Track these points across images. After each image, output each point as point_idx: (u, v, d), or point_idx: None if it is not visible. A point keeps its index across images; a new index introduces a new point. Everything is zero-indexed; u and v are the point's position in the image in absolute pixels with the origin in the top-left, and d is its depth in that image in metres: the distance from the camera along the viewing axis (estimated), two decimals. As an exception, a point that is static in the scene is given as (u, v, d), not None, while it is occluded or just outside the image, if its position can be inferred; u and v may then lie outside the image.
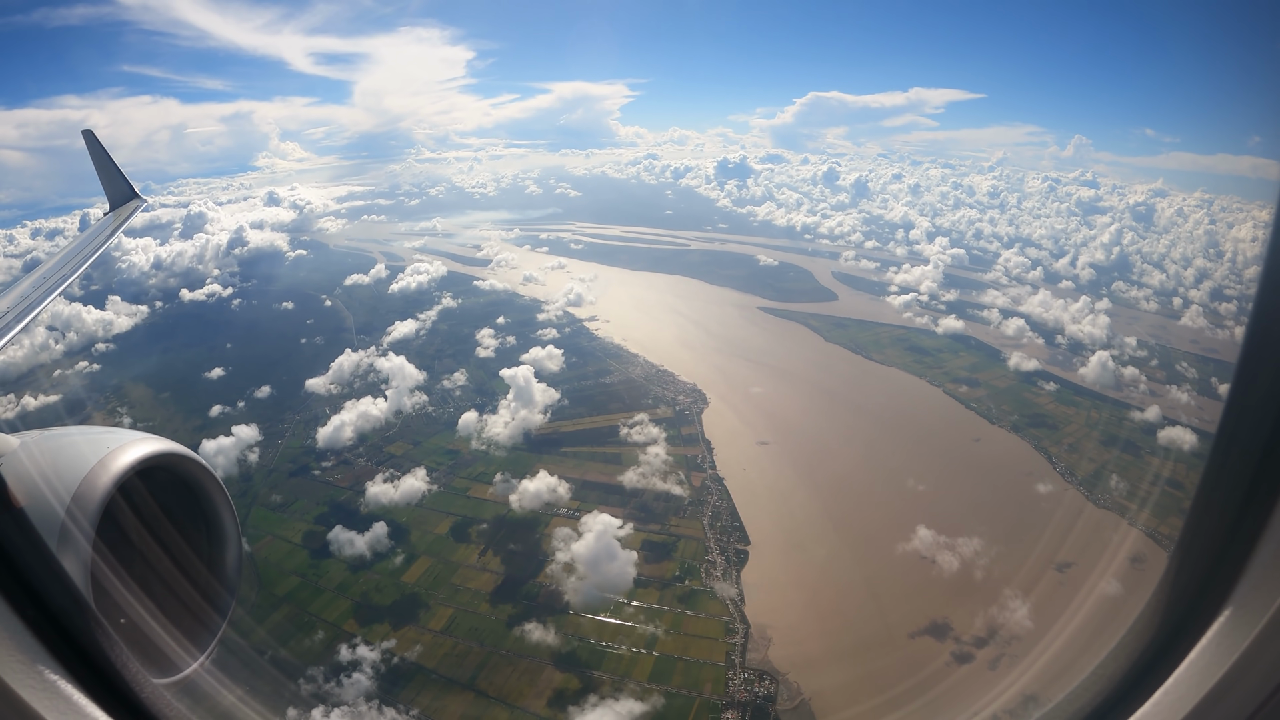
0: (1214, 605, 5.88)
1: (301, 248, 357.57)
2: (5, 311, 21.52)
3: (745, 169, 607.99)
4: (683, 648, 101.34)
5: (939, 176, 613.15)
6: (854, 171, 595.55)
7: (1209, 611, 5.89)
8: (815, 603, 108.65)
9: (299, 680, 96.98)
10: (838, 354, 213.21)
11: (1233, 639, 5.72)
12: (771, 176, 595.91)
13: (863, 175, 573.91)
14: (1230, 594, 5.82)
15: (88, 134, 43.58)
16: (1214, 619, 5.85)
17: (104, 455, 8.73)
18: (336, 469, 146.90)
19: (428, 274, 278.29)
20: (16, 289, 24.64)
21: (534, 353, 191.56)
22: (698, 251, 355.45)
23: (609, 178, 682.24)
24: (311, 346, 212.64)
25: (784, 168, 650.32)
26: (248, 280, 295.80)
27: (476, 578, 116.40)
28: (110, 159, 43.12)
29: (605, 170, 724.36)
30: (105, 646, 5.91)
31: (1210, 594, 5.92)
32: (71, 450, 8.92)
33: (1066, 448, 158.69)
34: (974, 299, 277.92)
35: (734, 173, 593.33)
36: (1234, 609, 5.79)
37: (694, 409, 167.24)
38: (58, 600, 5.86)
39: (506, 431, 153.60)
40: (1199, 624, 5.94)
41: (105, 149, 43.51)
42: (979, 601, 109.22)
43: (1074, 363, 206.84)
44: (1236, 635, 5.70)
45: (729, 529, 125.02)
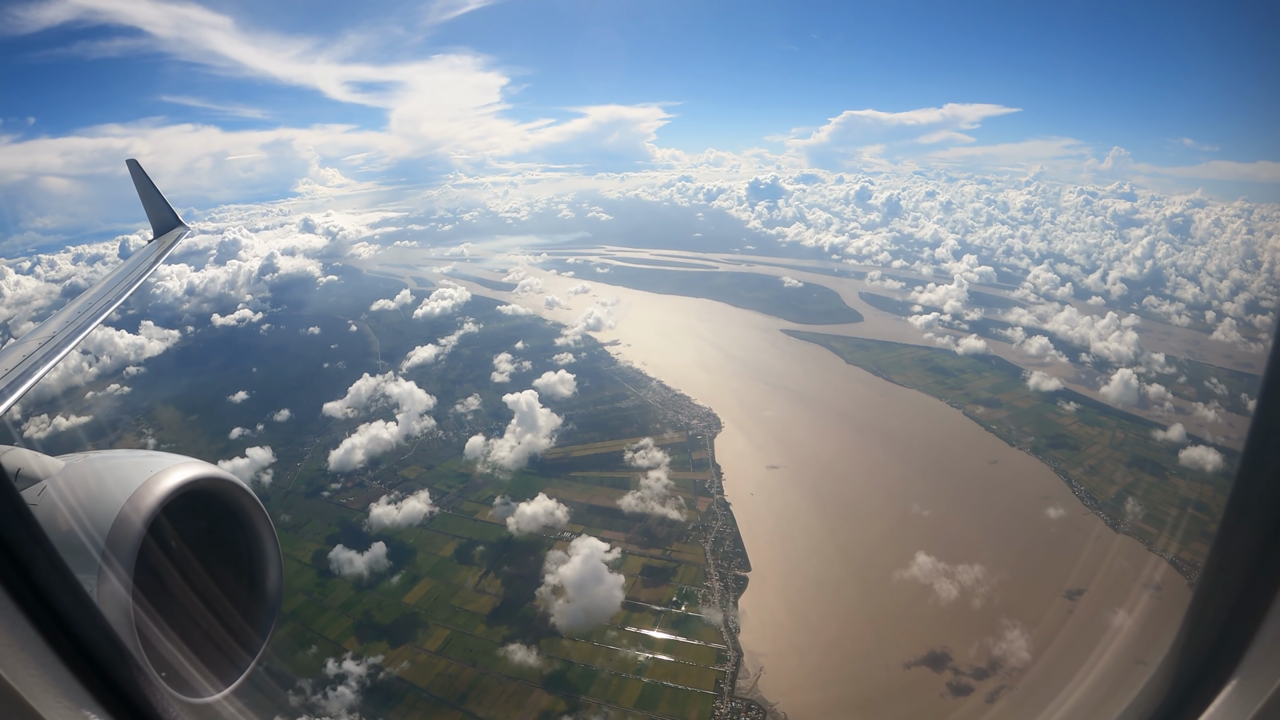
0: (1221, 675, 5.85)
1: (333, 273, 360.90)
2: (53, 335, 21.87)
3: (777, 190, 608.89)
4: (672, 674, 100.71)
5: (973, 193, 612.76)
6: (887, 190, 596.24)
7: (1216, 681, 5.87)
8: (811, 630, 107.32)
9: (288, 693, 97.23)
10: (858, 376, 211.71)
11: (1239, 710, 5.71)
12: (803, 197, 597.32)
13: (895, 194, 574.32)
14: (1237, 665, 5.78)
15: (132, 163, 43.93)
16: (1221, 689, 5.84)
17: (147, 479, 8.85)
18: (351, 491, 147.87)
19: (452, 299, 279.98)
20: (63, 314, 25.01)
21: (546, 377, 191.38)
22: (725, 274, 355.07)
23: (642, 200, 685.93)
24: (334, 371, 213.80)
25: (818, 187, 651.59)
26: (278, 306, 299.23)
27: (475, 600, 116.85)
28: (154, 187, 43.53)
29: (639, 193, 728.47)
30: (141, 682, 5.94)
31: (1218, 664, 5.90)
32: (115, 473, 9.13)
33: (1087, 470, 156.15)
34: (999, 317, 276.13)
35: (766, 194, 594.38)
36: (1240, 679, 5.76)
37: (707, 433, 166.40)
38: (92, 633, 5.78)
39: (512, 456, 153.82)
40: (1205, 694, 5.91)
41: (149, 177, 43.87)
42: (981, 631, 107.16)
43: (1098, 381, 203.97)
44: (1242, 707, 5.69)
45: (731, 555, 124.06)
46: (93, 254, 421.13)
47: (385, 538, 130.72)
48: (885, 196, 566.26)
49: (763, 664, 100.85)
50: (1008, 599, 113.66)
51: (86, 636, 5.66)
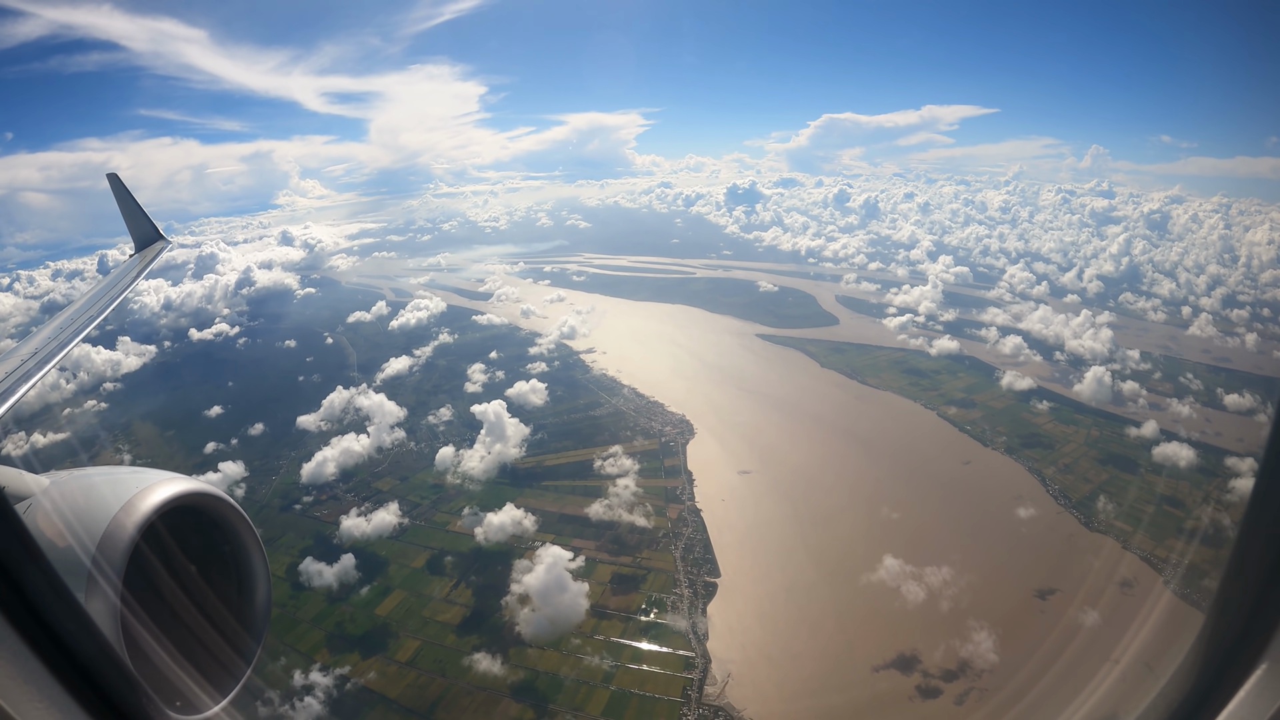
0: (1250, 659, 5.92)
1: (311, 286, 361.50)
2: (35, 351, 21.89)
3: (755, 194, 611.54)
4: (640, 682, 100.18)
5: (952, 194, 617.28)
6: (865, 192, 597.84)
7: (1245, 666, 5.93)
8: (780, 636, 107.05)
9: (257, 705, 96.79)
10: (833, 379, 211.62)
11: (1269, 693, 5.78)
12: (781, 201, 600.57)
13: (873, 196, 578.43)
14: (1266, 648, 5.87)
15: (112, 177, 43.97)
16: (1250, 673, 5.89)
17: (132, 495, 8.79)
18: (325, 504, 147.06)
19: (427, 310, 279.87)
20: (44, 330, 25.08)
21: (518, 386, 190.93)
22: (703, 279, 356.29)
23: (621, 207, 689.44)
24: (309, 384, 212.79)
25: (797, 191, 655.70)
26: (255, 319, 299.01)
27: (446, 610, 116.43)
28: (134, 201, 43.57)
29: (618, 200, 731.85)
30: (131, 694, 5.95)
31: (1247, 648, 5.96)
32: (100, 490, 9.01)
33: (1061, 468, 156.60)
34: (975, 317, 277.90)
35: (744, 198, 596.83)
36: (1270, 663, 5.83)
37: (680, 440, 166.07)
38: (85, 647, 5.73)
39: (482, 466, 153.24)
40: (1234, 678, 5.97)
41: (129, 190, 43.74)
42: (951, 633, 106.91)
43: (1072, 380, 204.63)
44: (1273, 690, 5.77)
45: (701, 561, 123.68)
46: (72, 269, 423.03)
47: (357, 550, 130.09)
48: (863, 199, 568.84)
49: (730, 670, 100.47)
50: (978, 600, 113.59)
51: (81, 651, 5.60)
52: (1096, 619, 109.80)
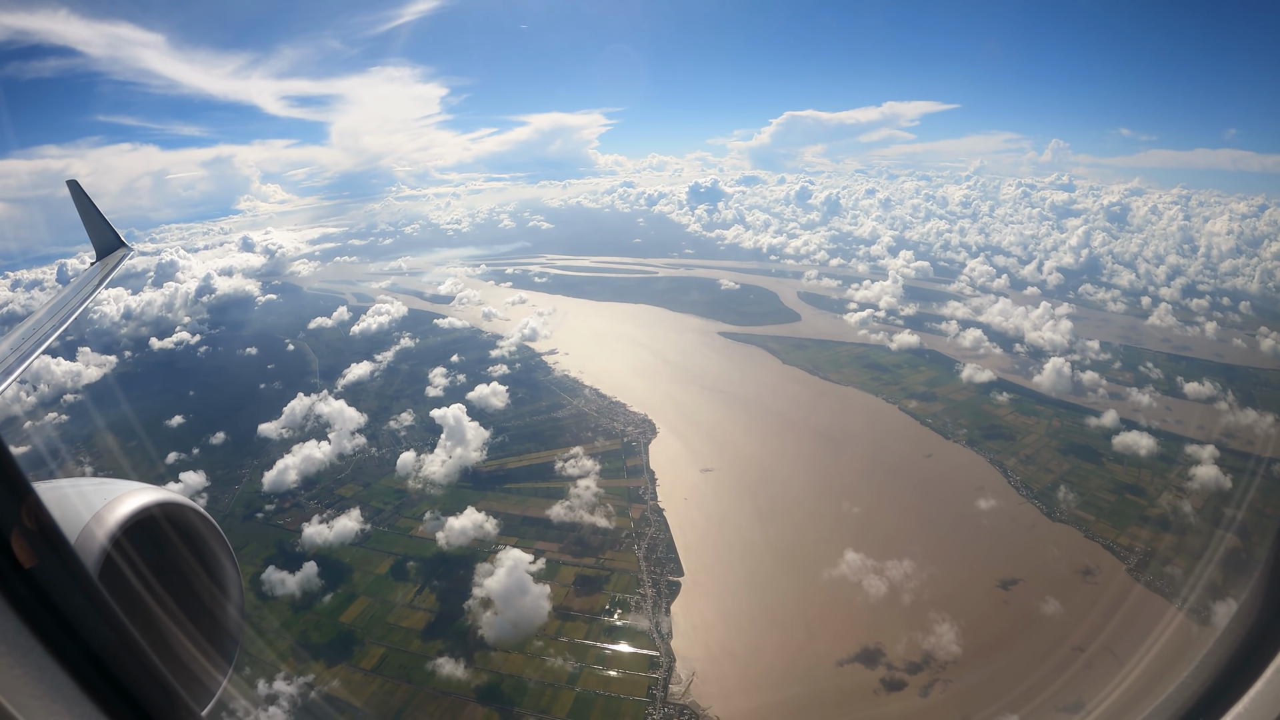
0: None
1: (273, 292, 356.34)
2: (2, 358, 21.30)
3: (717, 193, 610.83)
4: (605, 683, 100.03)
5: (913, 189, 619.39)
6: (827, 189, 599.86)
7: None
8: (744, 633, 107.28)
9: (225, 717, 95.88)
10: (794, 375, 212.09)
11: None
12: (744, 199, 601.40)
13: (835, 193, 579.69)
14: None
15: (72, 184, 43.67)
16: None
17: (102, 506, 8.58)
18: (289, 512, 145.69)
19: (388, 314, 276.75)
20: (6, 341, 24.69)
21: (479, 390, 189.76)
22: (665, 279, 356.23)
23: (584, 208, 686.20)
24: (271, 391, 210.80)
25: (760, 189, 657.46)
26: (216, 327, 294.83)
27: (410, 616, 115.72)
28: (95, 208, 43.22)
29: (581, 200, 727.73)
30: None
31: None
32: (70, 501, 8.74)
33: (1023, 459, 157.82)
34: (935, 311, 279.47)
35: (705, 197, 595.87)
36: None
37: (642, 440, 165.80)
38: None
39: (443, 470, 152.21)
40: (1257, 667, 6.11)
41: (89, 198, 43.30)
42: (914, 625, 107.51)
43: (1032, 371, 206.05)
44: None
45: (664, 560, 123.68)
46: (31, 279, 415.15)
47: (320, 557, 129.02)
48: (825, 196, 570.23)
49: (695, 669, 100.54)
50: (941, 592, 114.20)
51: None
52: (1060, 608, 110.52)
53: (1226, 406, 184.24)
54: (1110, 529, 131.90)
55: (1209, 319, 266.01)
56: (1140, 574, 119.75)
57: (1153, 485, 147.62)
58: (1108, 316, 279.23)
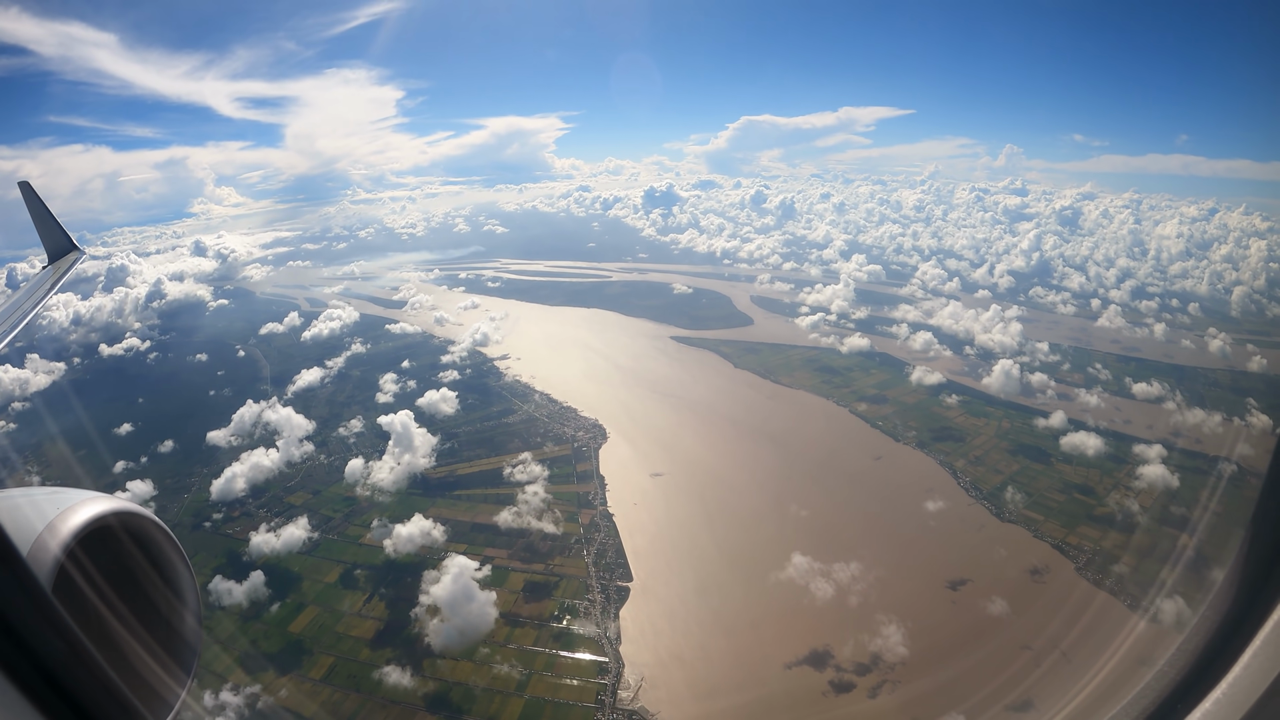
0: None
1: (225, 297, 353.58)
2: None
3: (672, 197, 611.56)
4: (554, 690, 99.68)
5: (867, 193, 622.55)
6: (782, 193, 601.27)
7: None
8: (693, 637, 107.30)
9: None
10: (746, 379, 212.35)
11: None
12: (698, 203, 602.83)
13: (789, 197, 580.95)
14: None
15: (24, 185, 43.05)
16: None
17: (55, 516, 8.29)
18: (238, 521, 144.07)
19: (340, 320, 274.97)
20: None
21: (429, 396, 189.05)
22: (619, 283, 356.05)
23: (539, 212, 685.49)
24: (220, 398, 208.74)
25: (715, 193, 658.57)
26: (166, 333, 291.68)
27: (360, 625, 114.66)
28: (47, 210, 42.67)
29: (536, 204, 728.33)
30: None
31: None
32: (23, 510, 8.54)
33: (972, 460, 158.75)
34: (886, 314, 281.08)
35: (661, 201, 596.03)
36: None
37: (592, 445, 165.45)
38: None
39: (391, 477, 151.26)
40: None
41: (41, 200, 42.64)
42: (863, 627, 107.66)
43: (981, 373, 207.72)
44: None
45: (613, 566, 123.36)
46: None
47: (270, 566, 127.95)
48: (780, 200, 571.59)
49: (644, 674, 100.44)
50: (890, 594, 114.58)
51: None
52: (1008, 608, 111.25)
53: (1175, 406, 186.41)
54: (1059, 529, 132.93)
55: (1158, 320, 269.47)
56: (1089, 573, 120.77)
57: (1101, 485, 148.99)
58: (1058, 319, 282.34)
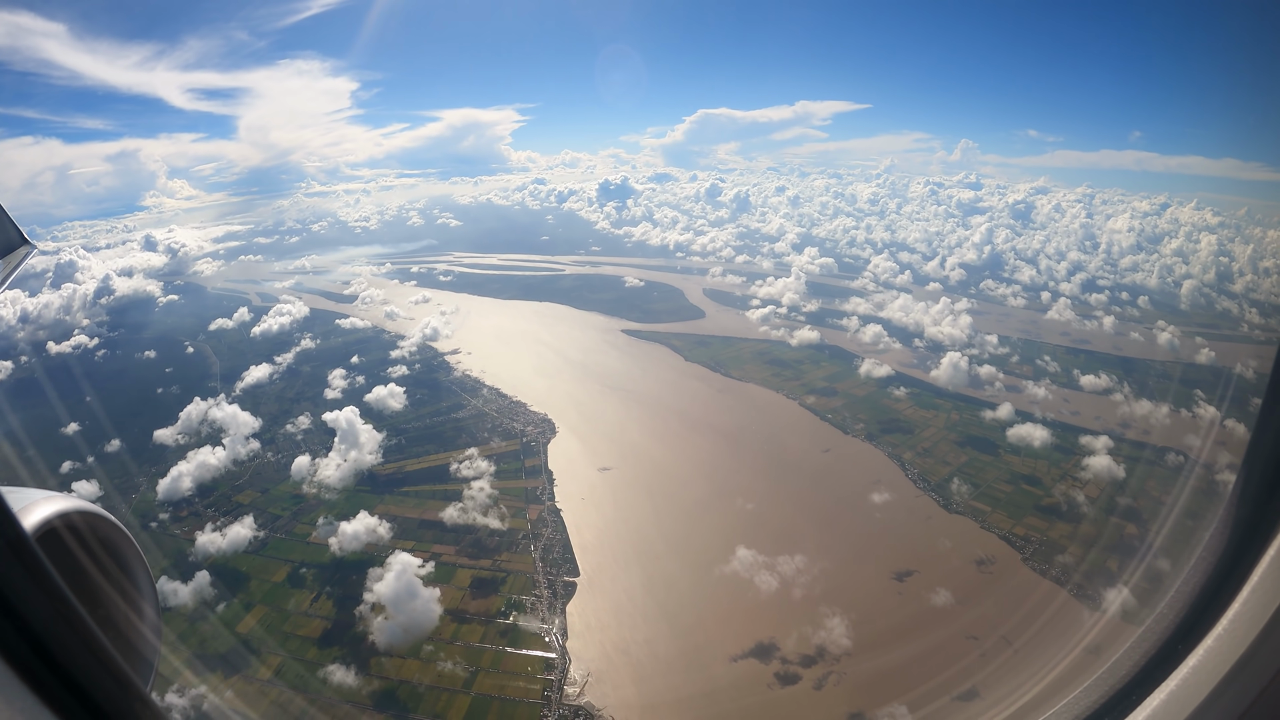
0: None
1: (175, 292, 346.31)
2: None
3: (627, 190, 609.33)
4: (500, 686, 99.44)
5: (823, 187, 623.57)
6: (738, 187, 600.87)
7: None
8: (639, 632, 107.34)
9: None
10: (696, 372, 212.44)
11: None
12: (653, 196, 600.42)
13: (744, 190, 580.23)
14: None
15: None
16: None
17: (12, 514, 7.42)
18: (185, 521, 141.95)
19: (290, 315, 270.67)
20: None
21: (377, 391, 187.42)
22: (571, 276, 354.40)
23: (494, 205, 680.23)
24: (168, 396, 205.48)
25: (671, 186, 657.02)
26: (115, 330, 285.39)
27: (307, 624, 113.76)
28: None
29: (491, 197, 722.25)
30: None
31: None
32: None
33: (920, 452, 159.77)
34: (837, 307, 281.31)
35: (615, 194, 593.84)
36: None
37: (541, 439, 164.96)
38: None
39: (338, 474, 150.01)
40: None
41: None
42: (808, 619, 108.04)
43: (930, 366, 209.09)
44: None
45: (560, 561, 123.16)
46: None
47: (217, 566, 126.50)
48: (734, 193, 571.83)
49: (590, 669, 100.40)
50: (835, 585, 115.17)
51: None
52: (955, 598, 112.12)
53: (1122, 398, 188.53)
54: (1006, 519, 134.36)
55: (1107, 313, 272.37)
56: (1035, 563, 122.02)
57: (1049, 476, 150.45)
58: (1008, 311, 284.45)
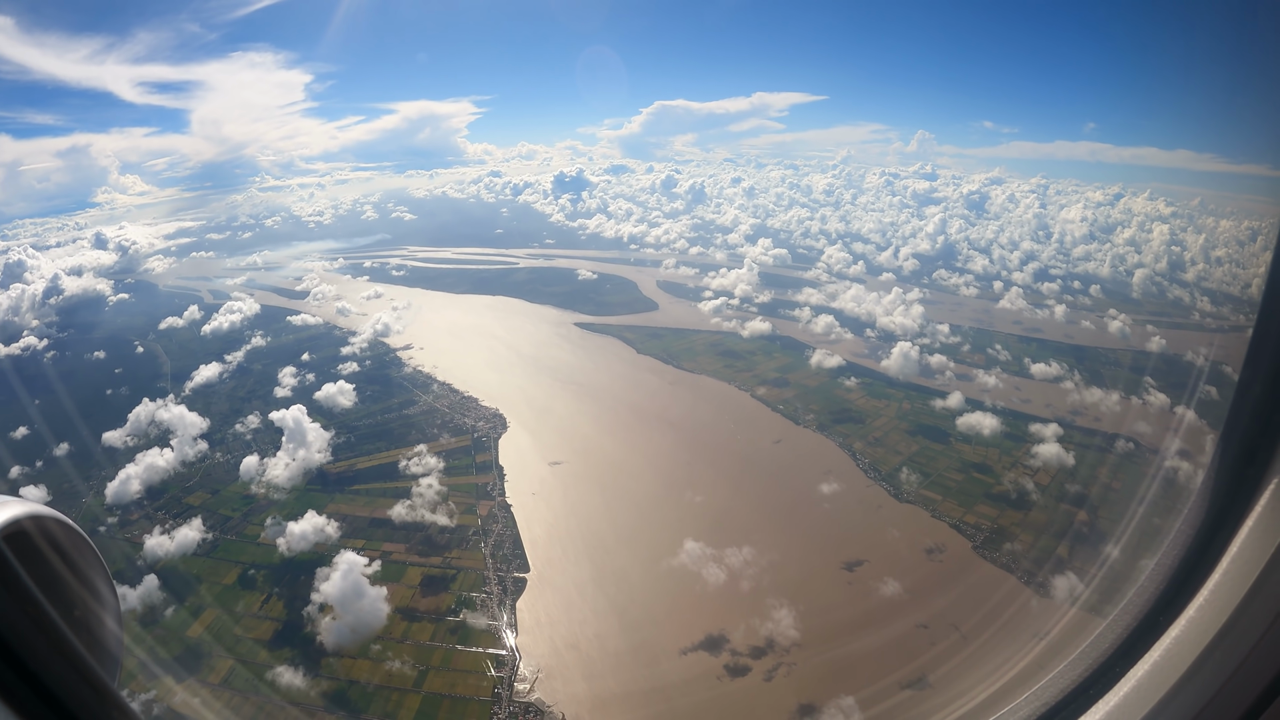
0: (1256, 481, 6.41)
1: (126, 291, 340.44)
2: None
3: (582, 182, 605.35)
4: (450, 684, 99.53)
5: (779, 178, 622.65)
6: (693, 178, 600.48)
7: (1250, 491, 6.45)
8: (589, 627, 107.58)
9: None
10: (648, 365, 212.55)
11: None
12: (609, 188, 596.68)
13: (699, 181, 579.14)
14: None
15: None
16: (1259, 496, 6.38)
17: None
18: (136, 524, 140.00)
19: (241, 313, 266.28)
20: None
21: (327, 389, 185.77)
22: (525, 270, 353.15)
23: (449, 198, 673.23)
24: (118, 397, 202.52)
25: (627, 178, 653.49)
26: (65, 330, 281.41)
27: (258, 626, 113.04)
28: None
29: (447, 190, 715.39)
30: None
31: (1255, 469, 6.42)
32: None
33: (871, 442, 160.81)
34: (790, 298, 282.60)
35: (571, 186, 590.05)
36: None
37: (492, 435, 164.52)
38: None
39: (287, 474, 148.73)
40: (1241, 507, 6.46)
41: None
42: (758, 611, 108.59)
43: (882, 355, 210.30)
44: None
45: (510, 557, 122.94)
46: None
47: (167, 570, 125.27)
48: (689, 185, 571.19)
49: (540, 666, 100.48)
50: (785, 576, 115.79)
51: None
52: (905, 587, 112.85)
53: (1073, 386, 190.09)
54: (957, 508, 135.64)
55: (1059, 302, 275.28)
56: (985, 550, 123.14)
57: (1000, 463, 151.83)
58: (961, 300, 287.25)
